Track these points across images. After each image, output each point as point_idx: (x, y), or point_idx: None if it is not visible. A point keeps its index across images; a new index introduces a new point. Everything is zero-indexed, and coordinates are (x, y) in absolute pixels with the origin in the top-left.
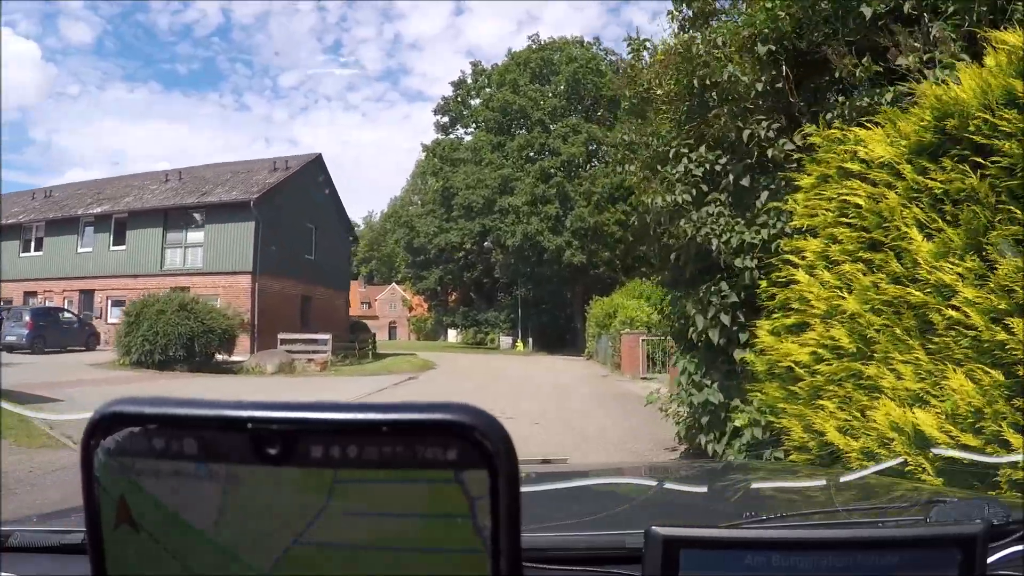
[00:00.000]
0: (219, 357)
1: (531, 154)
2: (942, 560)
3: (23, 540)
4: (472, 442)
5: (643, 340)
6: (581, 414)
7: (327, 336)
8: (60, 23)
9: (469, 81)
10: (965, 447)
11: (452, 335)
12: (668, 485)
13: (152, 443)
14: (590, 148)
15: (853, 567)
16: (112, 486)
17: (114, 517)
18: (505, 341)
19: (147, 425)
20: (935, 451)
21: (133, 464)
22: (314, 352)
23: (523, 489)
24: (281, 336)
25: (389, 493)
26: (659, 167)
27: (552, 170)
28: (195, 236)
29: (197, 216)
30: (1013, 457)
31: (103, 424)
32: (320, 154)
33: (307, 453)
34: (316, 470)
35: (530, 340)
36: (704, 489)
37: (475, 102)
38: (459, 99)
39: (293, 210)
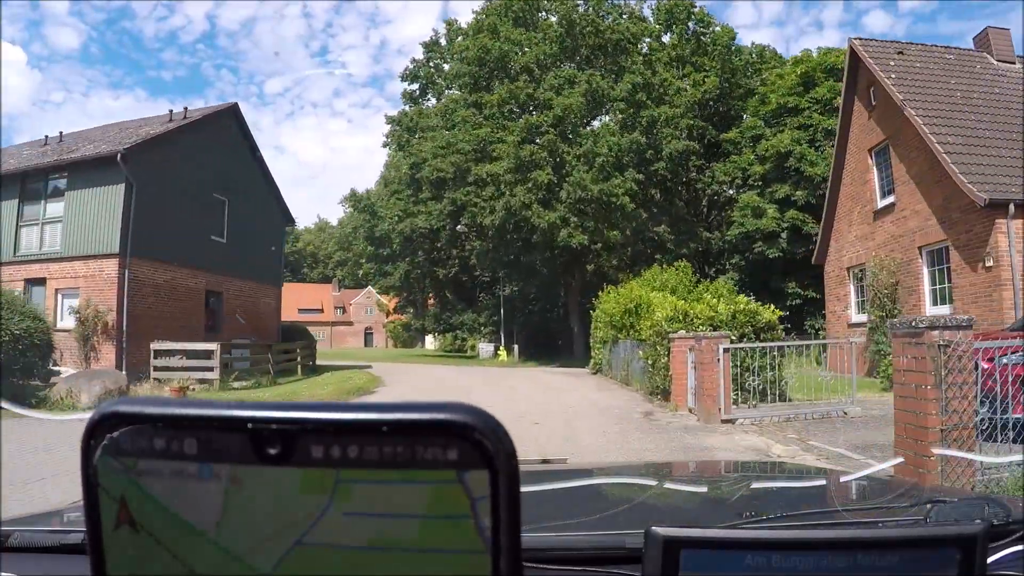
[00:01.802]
0: (55, 377)
1: (514, 110)
2: (942, 560)
3: (23, 540)
4: (472, 442)
5: (724, 349)
6: None
7: (213, 346)
8: (46, 29)
9: (443, 42)
10: (965, 447)
11: (429, 341)
12: (668, 485)
13: (153, 443)
14: (591, 101)
15: (853, 567)
16: (112, 486)
17: (114, 517)
18: (485, 349)
19: (147, 425)
20: (935, 451)
21: (134, 464)
22: (205, 368)
23: (523, 489)
24: (154, 346)
25: (391, 493)
26: None
27: (542, 127)
28: (55, 208)
29: (57, 181)
30: (1013, 457)
31: (103, 424)
32: (236, 104)
33: (307, 453)
34: (318, 470)
35: (515, 347)
36: (704, 489)
37: (449, 67)
38: (430, 63)
39: (191, 174)
